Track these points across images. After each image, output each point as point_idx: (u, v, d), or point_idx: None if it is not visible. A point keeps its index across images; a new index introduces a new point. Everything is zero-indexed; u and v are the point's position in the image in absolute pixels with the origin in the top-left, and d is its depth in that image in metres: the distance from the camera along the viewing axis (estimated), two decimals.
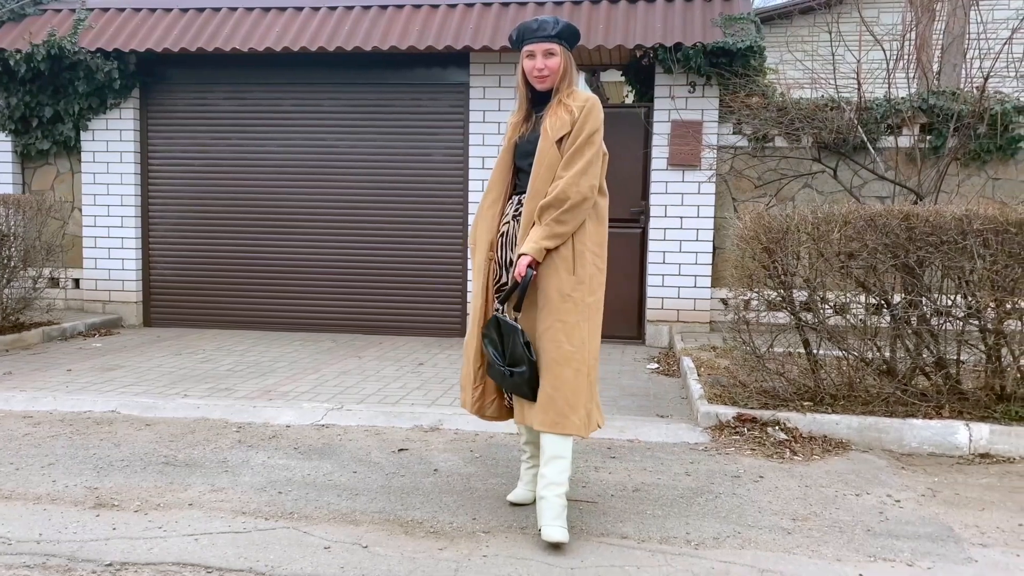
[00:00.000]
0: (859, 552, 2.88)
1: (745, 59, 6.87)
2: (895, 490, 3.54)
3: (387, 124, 7.66)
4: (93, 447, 3.99)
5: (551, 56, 2.99)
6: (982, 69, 6.14)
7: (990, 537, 3.04)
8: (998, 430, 4.05)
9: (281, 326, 7.83)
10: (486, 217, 3.13)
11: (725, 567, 2.75)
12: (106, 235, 7.96)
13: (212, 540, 2.90)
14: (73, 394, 5.01)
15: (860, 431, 4.17)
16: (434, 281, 7.63)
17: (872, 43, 6.46)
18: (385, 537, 2.95)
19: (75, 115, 7.79)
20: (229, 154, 7.88)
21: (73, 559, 2.74)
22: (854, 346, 4.45)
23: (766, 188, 7.26)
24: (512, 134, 3.14)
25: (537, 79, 3.01)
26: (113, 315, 7.91)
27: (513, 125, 3.16)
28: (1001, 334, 4.21)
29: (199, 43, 7.39)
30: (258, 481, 3.53)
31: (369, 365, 6.16)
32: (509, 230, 3.08)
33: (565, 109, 2.96)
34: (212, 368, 5.94)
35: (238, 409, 4.69)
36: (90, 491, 3.38)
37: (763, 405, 4.45)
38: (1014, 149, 6.98)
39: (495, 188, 3.14)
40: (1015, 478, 3.74)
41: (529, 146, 3.03)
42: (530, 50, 3.00)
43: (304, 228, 7.79)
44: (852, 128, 6.59)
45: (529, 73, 3.02)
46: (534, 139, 3.02)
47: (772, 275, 4.49)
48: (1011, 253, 4.06)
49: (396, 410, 4.70)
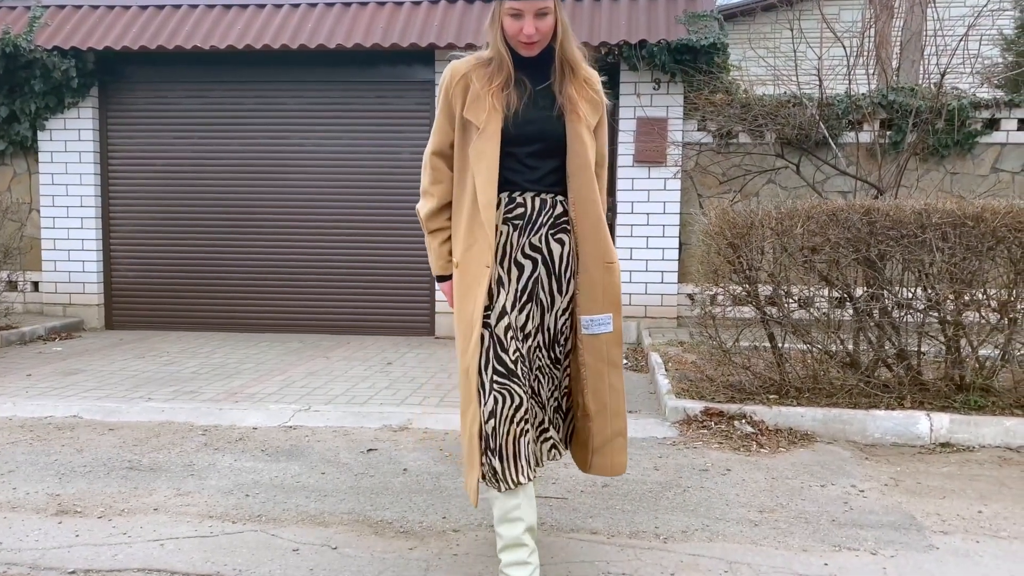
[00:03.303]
0: (824, 542, 2.93)
1: (709, 56, 6.93)
2: (859, 480, 3.60)
3: (353, 122, 7.61)
4: (55, 453, 3.92)
5: (544, 16, 2.33)
6: (939, 65, 6.26)
7: (951, 525, 3.10)
8: (958, 419, 4.13)
9: (247, 327, 7.74)
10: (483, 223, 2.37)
11: (694, 560, 2.77)
12: (65, 237, 7.81)
13: (178, 545, 2.86)
14: (33, 399, 4.91)
15: (825, 423, 4.23)
16: (402, 280, 7.59)
17: (833, 40, 6.55)
18: (355, 538, 2.93)
19: (32, 115, 7.62)
20: (191, 153, 7.76)
21: (35, 567, 2.68)
22: (818, 339, 4.51)
23: (731, 184, 7.34)
24: (475, 105, 2.37)
25: (525, 45, 2.36)
26: (74, 318, 7.76)
27: (476, 96, 2.37)
28: (960, 326, 4.30)
29: (159, 41, 7.27)
30: (225, 484, 3.49)
31: (337, 365, 6.11)
32: (502, 239, 2.45)
33: (590, 87, 2.43)
34: (176, 371, 5.86)
35: (204, 412, 4.63)
36: (52, 498, 3.32)
37: (730, 399, 4.50)
38: (971, 144, 7.13)
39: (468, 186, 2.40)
40: (974, 466, 3.82)
41: (532, 128, 2.39)
42: (515, 8, 2.31)
43: (269, 228, 7.71)
44: (814, 124, 6.68)
45: (513, 37, 2.36)
46: (543, 119, 2.40)
47: (737, 270, 4.54)
48: (968, 246, 4.15)
49: (365, 410, 4.68)
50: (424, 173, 2.55)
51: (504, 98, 2.37)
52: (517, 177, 2.44)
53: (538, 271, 2.48)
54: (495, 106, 2.36)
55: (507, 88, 2.38)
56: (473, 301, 2.39)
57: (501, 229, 2.45)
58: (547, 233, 2.47)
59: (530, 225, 2.46)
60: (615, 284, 2.50)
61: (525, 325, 2.48)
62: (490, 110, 2.36)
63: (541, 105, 2.41)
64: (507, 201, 2.45)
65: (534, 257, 2.47)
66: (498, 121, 2.36)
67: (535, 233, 2.46)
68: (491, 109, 2.36)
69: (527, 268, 2.47)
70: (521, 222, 2.46)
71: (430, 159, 2.52)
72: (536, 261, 2.48)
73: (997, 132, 7.13)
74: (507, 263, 2.46)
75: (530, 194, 2.45)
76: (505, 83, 2.37)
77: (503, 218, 2.44)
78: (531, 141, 2.40)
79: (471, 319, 2.39)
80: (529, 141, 2.40)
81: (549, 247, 2.48)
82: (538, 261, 2.48)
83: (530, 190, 2.45)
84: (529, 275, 2.47)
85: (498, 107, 2.36)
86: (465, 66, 2.43)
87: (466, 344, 2.40)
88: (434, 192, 2.52)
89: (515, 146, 2.40)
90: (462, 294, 2.44)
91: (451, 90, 2.42)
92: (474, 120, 2.37)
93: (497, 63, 2.38)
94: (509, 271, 2.46)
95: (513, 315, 2.44)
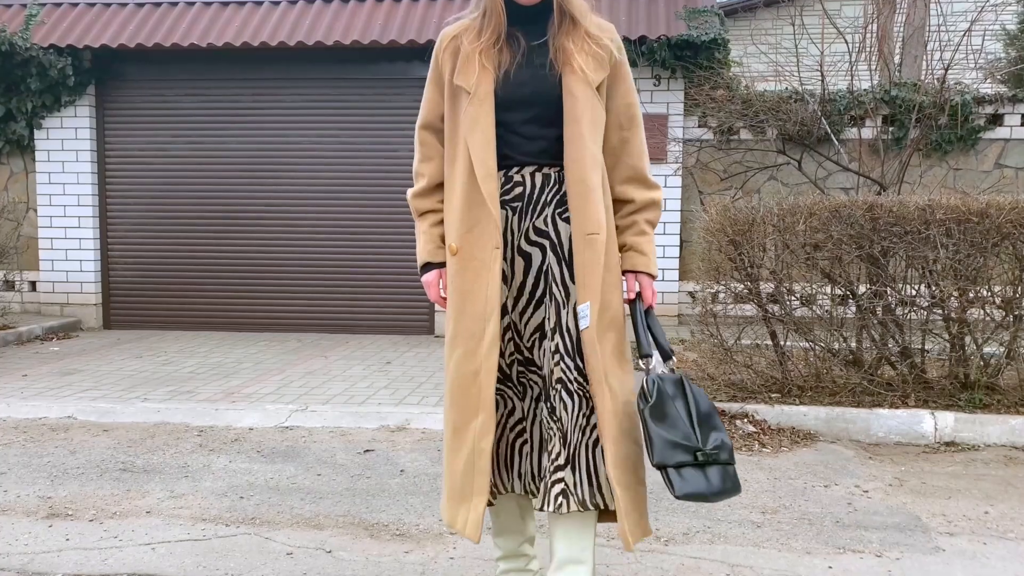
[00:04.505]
0: (828, 544, 2.88)
1: (709, 52, 6.88)
2: (863, 480, 3.55)
3: (351, 120, 7.56)
4: (48, 455, 3.87)
5: None
6: (943, 60, 6.20)
7: (957, 526, 3.05)
8: (963, 418, 4.08)
9: (246, 327, 7.69)
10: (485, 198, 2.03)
11: (695, 563, 2.72)
12: (63, 236, 7.76)
13: (170, 549, 2.81)
14: (28, 400, 4.86)
15: (827, 422, 4.18)
16: (401, 279, 7.54)
17: (835, 35, 6.49)
18: (349, 541, 2.88)
19: (28, 113, 7.57)
20: (189, 151, 7.71)
21: (23, 572, 2.63)
22: (820, 337, 4.46)
23: (732, 181, 7.28)
24: (465, 68, 2.05)
25: None
26: (72, 318, 7.72)
27: (465, 57, 2.05)
28: (964, 323, 4.25)
29: (156, 38, 7.22)
30: (219, 486, 3.44)
31: (335, 365, 6.06)
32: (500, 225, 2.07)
33: (595, 42, 2.05)
34: (174, 371, 5.81)
35: (200, 412, 4.58)
36: (43, 501, 3.27)
37: (731, 398, 4.44)
38: (974, 140, 7.07)
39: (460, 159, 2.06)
40: (980, 466, 3.77)
41: (524, 90, 2.04)
42: None
43: (267, 226, 7.66)
44: (816, 120, 6.63)
45: None
46: (538, 79, 2.04)
47: (738, 267, 4.49)
48: (973, 243, 4.09)
49: (362, 410, 4.63)
50: (416, 152, 2.24)
51: (494, 56, 2.04)
52: (512, 150, 2.06)
53: (547, 260, 2.07)
54: (484, 64, 2.03)
55: (498, 44, 2.04)
56: (485, 288, 2.03)
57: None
58: (554, 213, 2.07)
59: (532, 206, 2.07)
60: (595, 262, 2.01)
61: (541, 326, 2.09)
62: (480, 69, 2.02)
63: (537, 63, 2.04)
64: (503, 180, 2.07)
65: (541, 243, 2.07)
66: (490, 82, 2.03)
67: (539, 215, 2.07)
68: (480, 68, 2.03)
69: (535, 258, 2.08)
70: (521, 203, 2.08)
71: (419, 134, 2.20)
72: (544, 248, 2.07)
73: (1000, 128, 7.08)
74: (510, 253, 2.08)
75: (529, 169, 2.08)
76: (495, 38, 2.04)
77: (500, 200, 2.07)
78: (525, 105, 2.04)
79: (483, 311, 2.02)
80: (522, 106, 2.04)
81: (557, 229, 2.07)
82: (546, 248, 2.07)
83: (529, 164, 2.07)
84: (540, 265, 2.07)
85: (488, 66, 2.03)
86: (456, 28, 2.13)
87: (473, 343, 2.03)
88: (424, 171, 2.19)
89: (507, 112, 2.04)
90: (465, 283, 2.06)
91: (440, 56, 2.12)
92: (464, 84, 2.04)
93: (488, 15, 2.03)
94: (513, 262, 2.08)
95: (515, 315, 2.10)
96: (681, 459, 1.92)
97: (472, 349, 2.03)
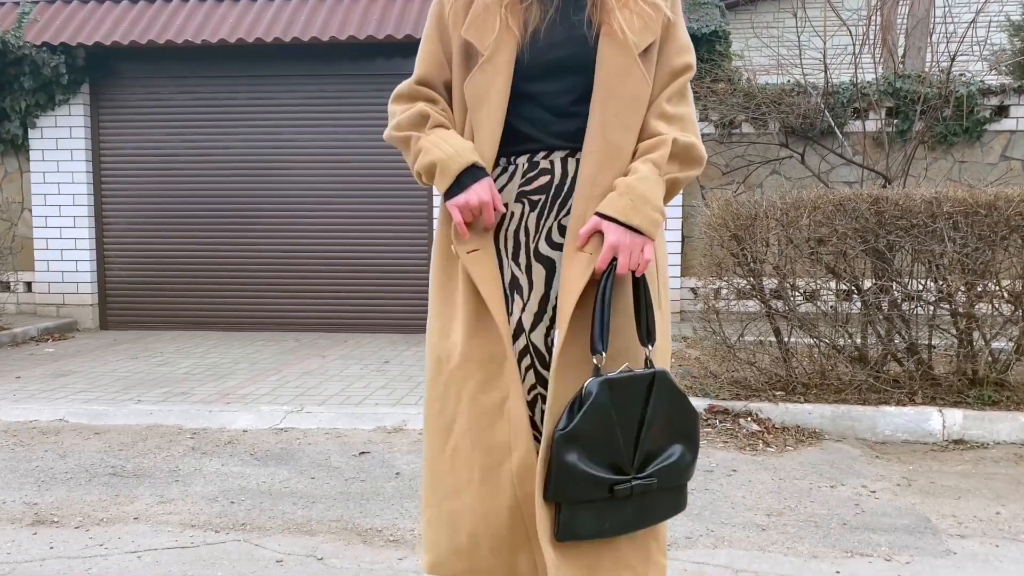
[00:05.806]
0: (835, 548, 2.79)
1: (710, 44, 6.79)
2: (870, 480, 3.46)
3: (348, 117, 7.46)
4: (36, 459, 3.79)
5: None
6: (948, 51, 6.10)
7: (968, 527, 2.96)
8: (971, 415, 3.99)
9: (242, 326, 7.61)
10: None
11: (699, 568, 2.63)
12: (58, 236, 7.68)
13: (156, 557, 2.73)
14: (19, 402, 4.79)
15: (833, 420, 4.09)
16: (400, 277, 7.45)
17: (838, 27, 6.39)
18: (342, 547, 2.80)
19: (22, 112, 7.48)
20: (185, 150, 7.62)
21: None
22: (825, 333, 4.37)
23: (734, 175, 7.19)
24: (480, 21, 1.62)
25: None
26: (67, 319, 7.64)
27: (483, 6, 1.62)
28: (972, 318, 4.15)
29: (150, 35, 7.13)
30: (210, 491, 3.36)
31: (333, 364, 5.98)
32: (513, 222, 1.68)
33: None
34: (169, 371, 5.73)
35: (193, 414, 4.50)
36: (29, 507, 3.19)
37: (735, 396, 4.36)
38: (979, 132, 6.97)
39: None
40: (990, 464, 3.68)
41: (559, 53, 1.61)
42: None
43: (265, 225, 7.57)
44: (819, 113, 6.53)
45: None
46: (574, 41, 1.61)
47: (741, 263, 4.40)
48: (981, 236, 4.00)
49: (359, 411, 4.54)
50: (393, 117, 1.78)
51: (521, 13, 1.61)
52: (539, 130, 1.64)
53: None
54: (508, 23, 1.59)
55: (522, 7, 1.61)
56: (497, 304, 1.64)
57: (512, 208, 1.67)
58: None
59: (558, 200, 1.65)
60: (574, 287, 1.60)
61: None
62: (501, 29, 1.59)
63: (575, 19, 1.61)
64: (527, 167, 1.66)
65: None
66: (512, 48, 1.60)
67: (567, 211, 1.64)
68: (503, 27, 1.59)
69: (560, 265, 1.64)
70: (544, 196, 1.65)
71: (408, 89, 1.78)
72: None
73: (1006, 119, 6.97)
74: (524, 257, 1.66)
75: (560, 154, 1.65)
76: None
77: (517, 192, 1.66)
78: (558, 73, 1.61)
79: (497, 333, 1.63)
80: (555, 73, 1.61)
81: None
82: None
83: (559, 148, 1.65)
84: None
85: (512, 25, 1.60)
86: None
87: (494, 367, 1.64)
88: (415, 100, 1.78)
89: (535, 82, 1.61)
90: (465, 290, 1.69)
91: (447, 8, 1.68)
92: (476, 42, 1.61)
93: None
94: (530, 270, 1.66)
95: (536, 336, 1.67)
96: (586, 495, 1.54)
97: (484, 379, 1.65)
